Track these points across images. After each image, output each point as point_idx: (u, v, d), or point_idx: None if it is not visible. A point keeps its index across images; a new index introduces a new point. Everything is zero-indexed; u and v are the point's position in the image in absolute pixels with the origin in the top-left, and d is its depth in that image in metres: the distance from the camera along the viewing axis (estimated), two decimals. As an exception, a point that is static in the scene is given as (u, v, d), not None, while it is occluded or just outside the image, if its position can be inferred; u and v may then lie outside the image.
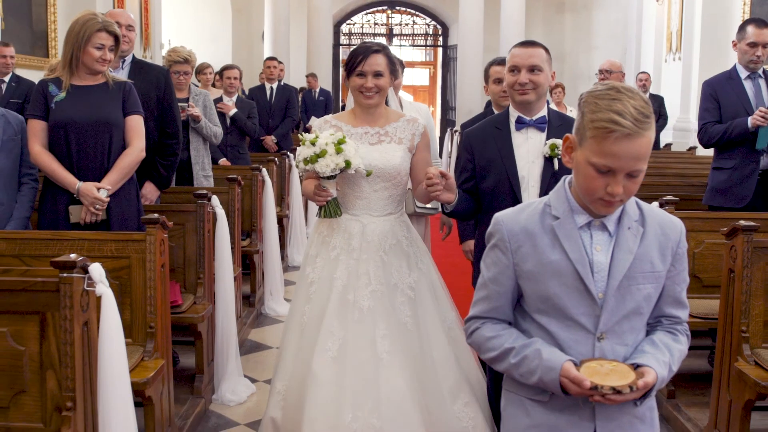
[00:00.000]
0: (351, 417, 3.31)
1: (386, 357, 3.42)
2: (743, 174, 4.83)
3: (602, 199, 2.04)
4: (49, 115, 4.09)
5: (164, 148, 4.80)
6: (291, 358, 3.56)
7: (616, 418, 2.12)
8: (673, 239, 2.17)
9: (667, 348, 2.14)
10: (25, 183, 4.24)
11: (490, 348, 2.20)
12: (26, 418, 2.74)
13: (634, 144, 1.98)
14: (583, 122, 2.05)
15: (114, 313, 2.81)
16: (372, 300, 3.51)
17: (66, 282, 2.67)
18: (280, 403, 3.52)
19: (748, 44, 4.92)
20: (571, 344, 2.12)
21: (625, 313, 2.12)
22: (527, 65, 3.46)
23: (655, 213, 2.20)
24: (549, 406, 2.15)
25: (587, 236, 2.12)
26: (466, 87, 17.79)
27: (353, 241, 3.59)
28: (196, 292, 4.57)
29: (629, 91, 2.01)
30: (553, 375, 2.05)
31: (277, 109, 9.12)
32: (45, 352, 2.72)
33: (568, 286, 2.10)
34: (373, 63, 3.58)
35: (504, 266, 2.18)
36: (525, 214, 2.19)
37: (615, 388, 1.99)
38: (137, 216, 4.27)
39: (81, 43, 4.07)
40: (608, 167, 2.00)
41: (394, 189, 3.67)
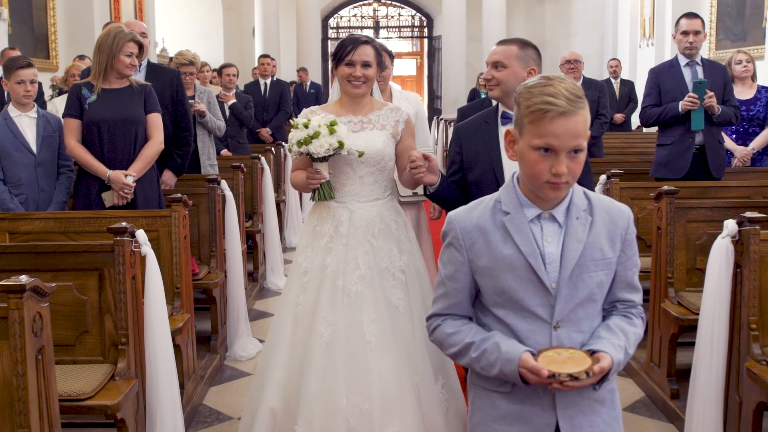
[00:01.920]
0: (345, 400, 3.41)
1: (374, 341, 3.49)
2: (681, 149, 5.57)
3: (549, 182, 2.09)
4: (83, 115, 4.78)
5: (178, 140, 5.50)
6: (287, 348, 3.61)
7: (576, 404, 2.17)
8: (621, 226, 2.22)
9: (622, 332, 2.19)
10: (62, 173, 4.97)
11: (452, 344, 2.25)
12: (89, 353, 3.47)
13: (569, 121, 2.05)
14: (520, 112, 2.14)
15: (155, 269, 3.57)
16: (360, 285, 3.57)
17: (119, 244, 3.41)
18: (280, 392, 3.56)
19: (681, 33, 5.65)
20: (529, 335, 2.16)
21: (578, 301, 2.17)
22: (491, 61, 3.63)
23: (603, 201, 2.25)
24: (512, 396, 2.20)
25: (537, 229, 2.17)
26: (451, 76, 18.42)
27: (341, 228, 3.65)
28: (210, 263, 5.31)
29: (559, 78, 2.11)
30: (512, 366, 2.10)
31: (271, 103, 9.86)
32: (103, 300, 3.45)
33: (522, 279, 2.15)
34: (362, 53, 3.65)
35: (459, 263, 2.23)
36: (477, 212, 2.24)
37: (572, 375, 2.04)
38: (158, 198, 4.98)
39: (114, 52, 4.74)
40: (549, 145, 2.06)
41: (379, 174, 3.73)
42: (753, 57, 10.86)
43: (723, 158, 5.66)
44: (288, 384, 3.53)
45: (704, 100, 5.41)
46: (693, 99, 5.41)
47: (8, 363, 2.48)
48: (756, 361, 3.50)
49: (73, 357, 3.45)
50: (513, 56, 3.59)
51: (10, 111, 4.87)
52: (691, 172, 5.56)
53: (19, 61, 4.88)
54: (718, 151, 5.58)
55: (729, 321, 3.68)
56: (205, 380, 4.86)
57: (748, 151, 6.45)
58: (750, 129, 6.58)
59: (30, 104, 4.89)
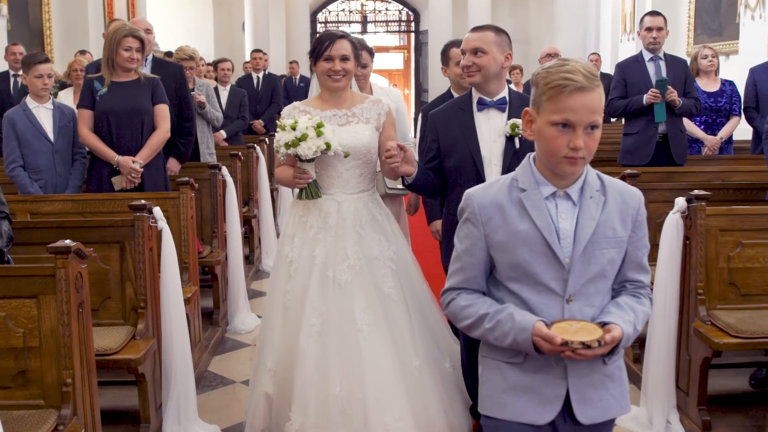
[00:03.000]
0: (339, 387, 3.49)
1: (366, 329, 3.56)
2: (645, 138, 6.03)
3: (566, 156, 2.16)
4: (95, 106, 5.20)
5: (182, 130, 5.91)
6: (278, 336, 3.70)
7: (586, 376, 2.23)
8: (632, 207, 2.28)
9: (631, 309, 2.25)
10: (77, 159, 5.39)
11: (466, 316, 2.30)
12: (111, 317, 3.90)
13: (587, 97, 2.13)
14: (538, 91, 2.21)
15: (170, 242, 4.01)
16: (350, 274, 3.63)
17: (138, 220, 3.85)
18: (272, 379, 3.66)
19: (645, 29, 6.10)
20: (542, 308, 2.22)
21: (591, 276, 2.23)
22: (470, 48, 3.64)
23: (615, 183, 2.32)
24: (524, 367, 2.25)
25: (553, 206, 2.23)
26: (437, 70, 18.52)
27: (329, 219, 3.71)
28: (212, 243, 5.75)
29: (574, 59, 2.21)
30: (526, 335, 2.15)
31: (264, 96, 10.31)
32: (124, 269, 3.89)
33: (537, 253, 2.21)
34: (340, 47, 3.71)
35: (476, 238, 2.28)
36: (494, 189, 2.29)
37: (584, 343, 2.09)
38: (164, 183, 5.41)
39: (114, 47, 5.17)
40: (567, 120, 2.13)
41: (365, 167, 3.81)
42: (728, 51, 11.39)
43: (684, 146, 6.12)
44: (280, 371, 3.64)
45: (666, 95, 5.86)
46: (655, 93, 5.86)
47: (55, 314, 2.92)
48: (702, 322, 3.96)
49: (98, 320, 3.87)
50: (491, 42, 3.62)
51: (28, 103, 5.29)
52: (655, 159, 6.01)
53: (38, 57, 5.30)
54: (680, 140, 6.04)
55: (679, 288, 4.14)
56: (209, 350, 5.30)
57: (717, 140, 6.91)
58: (717, 120, 7.03)
59: (46, 96, 5.31)
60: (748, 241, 4.04)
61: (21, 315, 2.94)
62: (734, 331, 3.79)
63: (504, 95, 3.68)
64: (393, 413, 3.49)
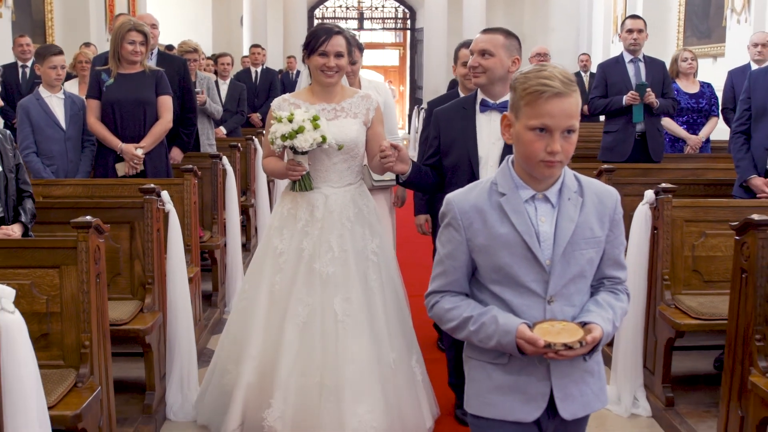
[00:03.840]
0: (319, 378, 3.60)
1: (347, 320, 3.66)
2: (624, 135, 6.35)
3: (544, 161, 2.20)
4: (102, 96, 5.51)
5: (185, 120, 6.22)
6: (261, 326, 3.77)
7: (568, 374, 2.28)
8: (609, 207, 2.32)
9: (610, 306, 2.30)
10: (86, 146, 5.70)
11: (450, 318, 2.33)
12: (120, 292, 4.20)
13: (564, 102, 2.17)
14: (517, 95, 2.25)
15: (176, 223, 4.33)
16: (333, 266, 3.71)
17: (148, 202, 4.16)
18: (256, 368, 3.72)
19: (626, 32, 6.43)
20: (524, 309, 2.26)
21: (570, 277, 2.27)
22: (478, 49, 3.66)
23: (593, 184, 2.35)
24: (508, 368, 2.29)
25: (532, 209, 2.27)
26: (432, 67, 19.11)
27: (316, 212, 3.78)
28: (212, 229, 6.06)
29: (552, 64, 2.25)
30: (510, 338, 2.19)
31: (262, 90, 10.65)
32: (133, 248, 4.20)
33: (517, 256, 2.25)
34: (335, 44, 3.74)
35: (458, 242, 2.31)
36: (474, 193, 2.33)
37: (567, 345, 2.14)
38: (166, 170, 5.72)
39: (118, 40, 5.47)
40: (544, 125, 2.17)
41: (352, 161, 3.87)
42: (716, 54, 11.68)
43: (661, 144, 6.44)
44: (263, 360, 3.70)
45: (644, 98, 6.19)
46: (634, 96, 6.19)
47: (76, 283, 3.23)
48: (667, 306, 4.28)
49: (108, 294, 4.17)
50: (500, 45, 3.64)
51: (41, 92, 5.60)
52: (633, 156, 6.34)
53: (52, 49, 5.61)
54: (657, 138, 6.37)
55: (647, 274, 4.46)
56: (208, 329, 5.62)
57: (699, 139, 7.23)
58: (698, 120, 7.35)
59: (59, 86, 5.61)
60: (711, 231, 4.36)
61: (44, 283, 3.25)
62: (695, 314, 4.11)
63: (507, 99, 3.62)
64: (366, 404, 3.59)
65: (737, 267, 3.50)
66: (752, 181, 4.84)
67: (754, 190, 4.84)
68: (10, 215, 3.76)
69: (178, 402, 4.28)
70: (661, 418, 4.30)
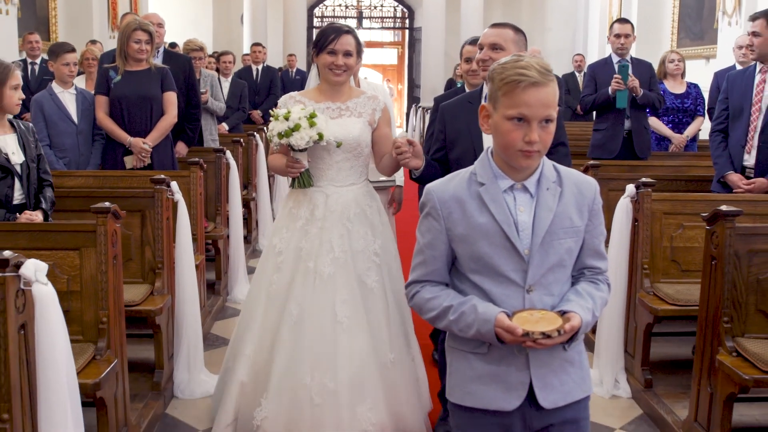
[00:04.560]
0: (310, 378, 3.58)
1: (346, 321, 3.64)
2: (612, 134, 6.61)
3: (521, 150, 2.21)
4: (110, 92, 5.77)
5: (190, 116, 6.48)
6: (258, 325, 3.78)
7: (548, 363, 2.29)
8: (588, 197, 2.33)
9: (589, 296, 2.30)
10: (96, 140, 5.96)
11: (431, 308, 2.34)
12: (132, 276, 4.46)
13: (540, 92, 2.18)
14: (494, 86, 2.26)
15: (184, 212, 4.61)
16: (333, 267, 3.69)
17: (158, 192, 4.42)
18: (250, 367, 3.73)
19: (614, 36, 6.70)
20: (503, 298, 2.26)
21: (549, 266, 2.28)
22: (489, 43, 3.65)
23: (571, 174, 2.36)
24: (488, 357, 2.30)
25: (511, 199, 2.28)
26: (430, 66, 19.36)
27: (317, 211, 3.77)
28: (215, 220, 6.32)
29: (529, 55, 2.28)
30: (489, 326, 2.20)
31: (262, 87, 10.91)
32: (144, 235, 4.46)
33: (496, 246, 2.25)
34: (345, 43, 3.74)
35: (437, 232, 2.32)
36: (453, 183, 2.34)
37: (545, 333, 2.14)
38: (172, 163, 5.98)
39: (125, 39, 5.74)
40: (522, 115, 2.18)
41: (355, 160, 3.85)
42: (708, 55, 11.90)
43: (647, 141, 6.71)
44: (257, 359, 3.71)
45: (627, 83, 6.45)
46: (618, 80, 6.45)
47: (94, 264, 3.50)
48: (646, 293, 4.54)
49: (120, 278, 4.46)
50: (510, 39, 3.65)
51: (54, 87, 5.85)
52: (622, 153, 6.60)
53: (66, 47, 5.86)
54: (643, 135, 6.63)
55: (628, 263, 4.73)
56: (212, 315, 5.88)
57: (683, 138, 7.49)
58: (683, 119, 7.61)
59: (71, 82, 5.86)
60: (689, 223, 4.62)
61: (66, 264, 3.52)
62: (672, 300, 4.38)
63: None
64: (365, 404, 3.60)
65: (707, 255, 3.77)
66: (729, 177, 5.11)
67: (731, 186, 5.11)
68: (32, 202, 4.03)
69: (185, 380, 4.55)
70: (639, 399, 4.57)
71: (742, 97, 5.06)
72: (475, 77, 4.63)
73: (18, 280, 2.57)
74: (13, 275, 2.53)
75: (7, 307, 2.50)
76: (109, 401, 3.48)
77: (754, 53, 5.10)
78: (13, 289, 2.54)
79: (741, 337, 3.67)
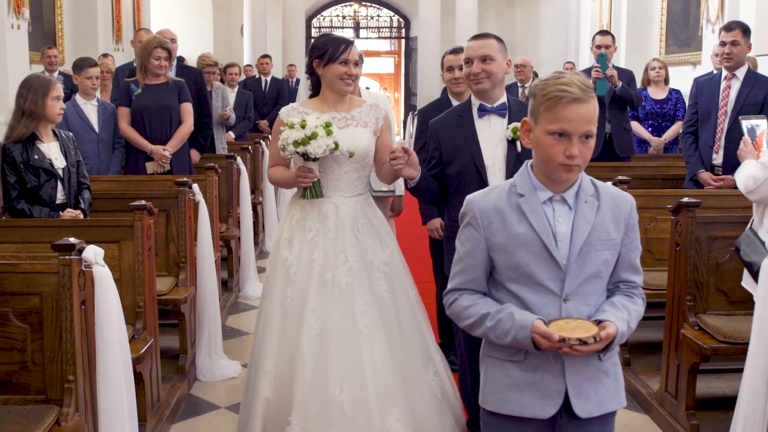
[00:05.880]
0: (339, 390, 3.52)
1: (366, 331, 3.62)
2: (594, 136, 7.08)
3: (562, 164, 2.25)
4: (131, 104, 6.25)
5: (201, 125, 6.94)
6: (276, 340, 3.71)
7: (583, 372, 2.31)
8: (624, 211, 2.37)
9: (625, 308, 2.34)
10: (116, 148, 6.43)
11: (468, 315, 2.38)
12: (158, 270, 4.85)
13: (582, 108, 2.23)
14: (536, 102, 2.30)
15: (205, 212, 5.10)
16: (349, 277, 3.68)
17: (182, 193, 4.89)
18: (272, 383, 3.65)
19: (596, 47, 7.17)
20: (540, 307, 2.31)
21: (586, 277, 2.32)
22: (479, 56, 3.67)
23: (608, 188, 2.41)
24: (524, 365, 2.33)
25: (550, 210, 2.32)
26: (426, 75, 19.76)
27: (328, 222, 3.75)
28: (227, 221, 6.80)
29: (571, 72, 2.34)
30: (525, 333, 2.24)
31: (270, 98, 11.44)
32: (169, 232, 4.93)
33: (535, 255, 2.30)
34: (354, 53, 3.80)
35: (477, 241, 2.37)
36: (493, 195, 2.39)
37: (581, 339, 2.17)
38: (189, 168, 6.46)
39: (146, 56, 6.23)
40: (563, 130, 2.23)
41: (362, 170, 3.86)
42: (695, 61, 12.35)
43: (627, 142, 7.13)
44: (279, 375, 3.65)
45: (606, 71, 6.86)
46: (597, 68, 6.87)
47: (132, 255, 3.98)
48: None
49: (146, 272, 4.93)
50: (497, 49, 3.70)
51: (77, 99, 6.33)
52: (604, 155, 7.07)
53: (89, 62, 6.34)
54: (623, 136, 7.05)
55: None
56: (225, 309, 6.35)
57: (662, 141, 7.97)
58: (663, 123, 8.09)
59: (93, 94, 6.34)
60: (661, 217, 5.06)
61: (107, 255, 3.89)
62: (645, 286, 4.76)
63: (503, 101, 3.75)
64: (393, 414, 3.57)
65: (673, 242, 4.25)
66: (700, 175, 5.59)
67: (702, 183, 5.58)
68: (72, 202, 4.52)
69: (206, 365, 5.02)
70: (619, 376, 5.02)
71: (709, 101, 5.54)
72: (459, 86, 4.77)
73: (80, 262, 3.05)
74: (76, 258, 3.02)
75: (73, 284, 2.99)
76: (146, 377, 3.95)
77: (732, 61, 5.53)
78: (77, 270, 3.02)
79: (703, 313, 4.14)
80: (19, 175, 4.36)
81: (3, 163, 4.33)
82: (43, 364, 3.08)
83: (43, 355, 3.08)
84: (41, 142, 4.43)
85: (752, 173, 3.70)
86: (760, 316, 3.30)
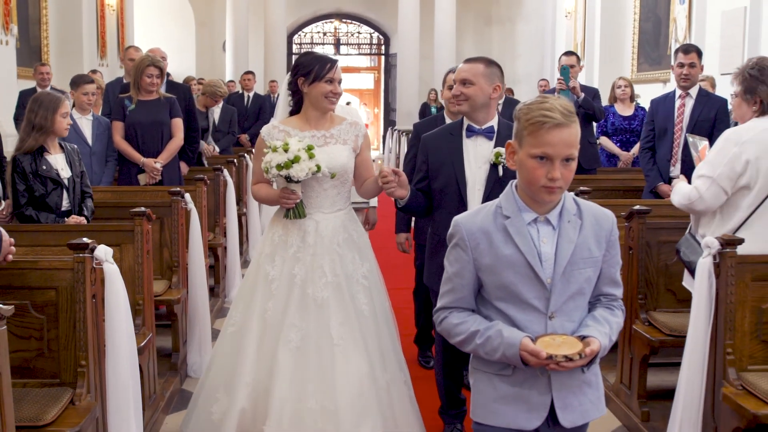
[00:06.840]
0: (314, 401, 3.62)
1: (342, 344, 3.70)
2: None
3: (545, 186, 2.32)
4: (125, 119, 6.62)
5: (189, 139, 7.27)
6: (254, 352, 3.78)
7: (568, 385, 2.41)
8: (606, 228, 2.46)
9: (606, 321, 2.43)
10: (109, 161, 6.79)
11: (458, 333, 2.46)
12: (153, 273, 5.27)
13: (564, 132, 2.30)
14: (520, 126, 2.38)
15: (196, 220, 5.46)
16: (327, 291, 3.76)
17: (175, 202, 5.25)
18: (250, 394, 3.72)
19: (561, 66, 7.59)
20: (527, 324, 2.39)
21: (570, 294, 2.40)
22: (459, 79, 3.79)
23: (590, 207, 2.49)
24: (512, 379, 2.42)
25: (534, 231, 2.40)
26: (405, 91, 20.09)
27: (308, 238, 3.83)
28: (214, 231, 7.16)
29: (553, 97, 2.37)
30: (514, 350, 2.32)
31: (251, 113, 11.85)
32: (162, 238, 5.29)
33: (521, 275, 2.38)
34: (339, 71, 3.86)
35: (465, 262, 2.44)
36: (480, 216, 2.46)
37: (567, 356, 2.26)
38: (179, 179, 6.83)
39: (139, 74, 6.60)
40: (546, 154, 2.30)
41: (342, 186, 3.92)
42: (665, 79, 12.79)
43: (593, 154, 7.55)
44: (257, 386, 3.73)
45: (569, 83, 7.23)
46: (561, 80, 7.28)
47: (133, 257, 4.34)
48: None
49: (141, 275, 5.27)
50: (479, 74, 3.77)
51: (73, 114, 6.66)
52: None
53: (85, 78, 6.71)
54: (587, 149, 7.44)
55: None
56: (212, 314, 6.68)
57: (630, 156, 8.38)
58: (631, 139, 8.50)
59: (88, 109, 6.69)
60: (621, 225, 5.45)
61: (109, 257, 4.35)
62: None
63: (492, 124, 3.84)
64: (367, 425, 3.64)
65: (626, 246, 4.65)
66: (660, 187, 6.01)
67: (661, 195, 5.99)
68: (76, 210, 4.88)
69: (197, 362, 5.38)
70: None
71: (665, 119, 5.97)
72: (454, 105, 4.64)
73: (92, 260, 3.42)
74: (89, 256, 3.40)
75: (86, 279, 3.36)
76: (144, 369, 4.29)
77: (689, 81, 5.96)
78: (89, 266, 3.39)
79: (653, 311, 4.56)
80: (28, 183, 4.72)
81: (13, 173, 4.70)
82: (58, 351, 3.45)
83: (58, 343, 3.45)
84: (49, 153, 4.80)
85: (689, 189, 4.06)
86: (696, 310, 3.69)
